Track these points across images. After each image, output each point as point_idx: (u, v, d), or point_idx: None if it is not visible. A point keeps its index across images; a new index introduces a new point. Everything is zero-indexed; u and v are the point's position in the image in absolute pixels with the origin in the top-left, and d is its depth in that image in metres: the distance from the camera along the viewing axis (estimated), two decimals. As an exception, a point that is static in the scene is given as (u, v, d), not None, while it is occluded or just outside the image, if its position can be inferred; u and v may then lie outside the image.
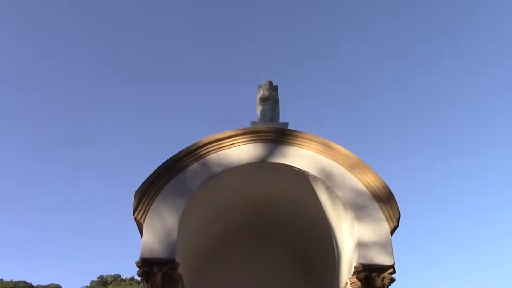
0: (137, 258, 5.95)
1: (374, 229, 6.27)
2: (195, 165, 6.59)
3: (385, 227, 6.30)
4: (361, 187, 6.57)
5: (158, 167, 6.46)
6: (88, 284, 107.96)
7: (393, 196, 6.49)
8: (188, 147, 6.68)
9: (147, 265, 5.87)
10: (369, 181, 6.58)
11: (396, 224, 6.36)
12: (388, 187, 6.53)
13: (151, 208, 6.21)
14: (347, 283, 6.47)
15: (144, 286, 5.90)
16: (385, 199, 6.47)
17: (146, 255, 5.93)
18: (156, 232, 6.09)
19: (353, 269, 6.13)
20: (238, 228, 8.47)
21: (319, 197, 6.98)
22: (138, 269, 5.91)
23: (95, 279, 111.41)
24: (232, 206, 7.76)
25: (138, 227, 6.39)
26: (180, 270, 6.22)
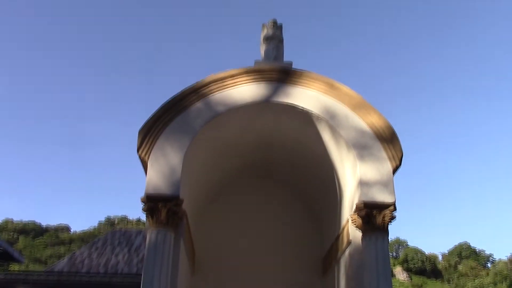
0: (143, 195, 6.06)
1: (376, 168, 6.30)
2: (198, 104, 6.57)
3: (387, 166, 6.34)
4: (365, 127, 6.56)
5: (161, 106, 6.46)
6: (96, 225, 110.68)
7: (396, 136, 6.49)
8: (192, 85, 6.64)
9: (152, 201, 5.96)
10: (373, 121, 6.56)
11: (398, 163, 6.39)
12: (391, 127, 6.52)
13: (155, 146, 6.25)
14: (348, 221, 6.59)
15: (149, 222, 6.01)
16: (388, 139, 6.47)
17: (151, 192, 6.02)
18: (160, 170, 6.16)
19: (354, 207, 6.22)
20: (241, 167, 8.56)
21: (322, 137, 6.99)
22: (144, 205, 6.01)
23: (103, 220, 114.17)
24: (235, 146, 7.80)
25: (142, 165, 6.45)
26: (184, 207, 6.34)
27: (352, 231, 6.40)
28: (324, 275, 8.17)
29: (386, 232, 6.04)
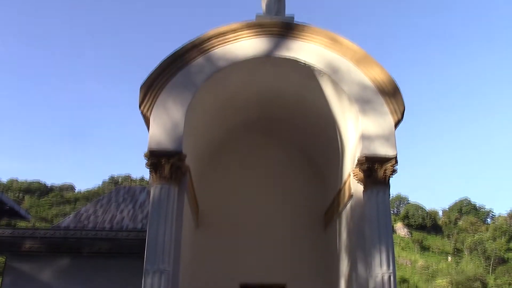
0: (146, 151, 6.10)
1: (378, 122, 6.31)
2: (200, 59, 6.52)
3: (389, 120, 6.34)
4: (367, 81, 6.52)
5: (162, 61, 6.40)
6: (100, 184, 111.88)
7: (399, 90, 6.46)
8: (193, 40, 6.57)
9: (155, 156, 6.01)
10: (375, 75, 6.51)
11: (400, 117, 6.39)
12: (394, 81, 6.48)
13: (157, 101, 6.24)
14: (349, 175, 6.65)
15: (153, 177, 6.06)
16: (390, 93, 6.44)
17: (154, 147, 6.06)
18: (163, 125, 6.18)
19: (356, 162, 6.26)
20: (243, 123, 8.58)
21: (324, 92, 6.96)
22: (147, 160, 6.06)
23: (107, 179, 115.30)
24: (237, 102, 7.80)
25: (145, 121, 6.46)
26: (187, 162, 6.39)
27: (353, 185, 6.46)
28: (325, 228, 8.31)
29: (387, 185, 6.10)
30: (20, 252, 8.37)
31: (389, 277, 5.63)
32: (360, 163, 6.13)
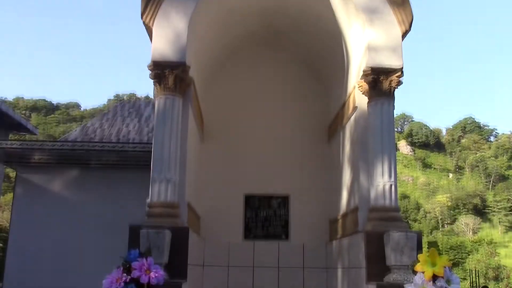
0: (149, 63, 6.05)
1: (385, 32, 6.18)
2: (202, -33, 6.29)
3: (397, 30, 6.21)
4: (375, -11, 6.30)
5: (164, -32, 6.18)
6: (105, 102, 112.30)
7: (408, -1, 6.27)
8: None
9: (158, 67, 5.96)
10: (384, -17, 6.29)
11: (408, 28, 6.24)
12: (402, -10, 6.27)
13: (159, 11, 6.09)
14: (354, 87, 6.62)
15: (157, 89, 6.06)
16: (398, 2, 6.25)
17: (157, 58, 6.00)
18: (166, 36, 6.08)
19: (361, 73, 6.21)
20: (248, 35, 8.43)
21: (330, 2, 6.78)
22: (151, 72, 6.03)
23: (112, 97, 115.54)
24: (241, 12, 7.60)
25: (147, 32, 6.36)
26: (191, 74, 6.36)
27: (358, 97, 6.45)
28: (329, 141, 8.40)
29: (392, 97, 6.09)
30: (30, 164, 8.57)
31: (391, 186, 5.77)
32: (365, 75, 6.08)
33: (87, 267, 8.14)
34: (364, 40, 6.25)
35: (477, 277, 30.61)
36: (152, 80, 6.07)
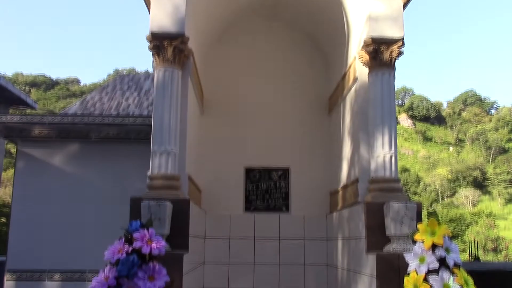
0: (148, 34, 5.99)
1: (386, 2, 6.09)
2: None
3: (398, 0, 6.13)
4: (376, -42, 6.19)
5: None
6: (105, 77, 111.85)
7: (409, -33, 6.17)
8: None
9: (157, 39, 5.91)
10: (385, -49, 6.17)
11: (409, -3, 6.17)
12: (404, -43, 6.16)
13: (157, -19, 6.01)
14: (355, 58, 6.57)
15: (156, 61, 6.02)
16: (400, -29, 6.16)
17: (156, 30, 5.94)
18: (164, 7, 6.01)
19: (362, 44, 6.15)
20: (247, 7, 8.33)
21: (331, -29, 6.69)
22: (149, 43, 5.98)
23: (112, 72, 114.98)
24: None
25: (145, 3, 6.28)
26: (191, 46, 6.30)
27: (358, 68, 6.41)
28: (329, 113, 8.38)
29: (393, 68, 6.04)
30: (30, 138, 8.56)
31: (391, 157, 5.77)
32: (366, 45, 6.02)
33: (88, 239, 8.21)
34: (365, 10, 6.17)
35: (476, 249, 30.93)
36: (151, 52, 6.02)
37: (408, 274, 4.21)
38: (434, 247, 4.15)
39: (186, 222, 5.63)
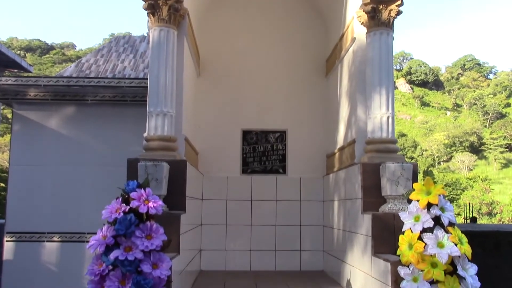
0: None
1: (385, -40, 5.97)
2: None
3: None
4: None
5: None
6: (100, 42, 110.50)
7: None
8: None
9: (152, -3, 5.80)
10: None
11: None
12: None
13: None
14: (353, 18, 6.48)
15: (151, 20, 5.92)
16: None
17: (151, -11, 5.82)
18: (159, -36, 5.87)
19: (360, 3, 6.05)
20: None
21: None
22: (144, 2, 5.87)
23: (107, 37, 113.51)
24: None
25: (139, -39, 6.13)
26: (186, 5, 6.20)
27: (356, 28, 6.33)
28: (327, 75, 8.32)
29: (391, 27, 5.96)
30: (26, 100, 8.49)
31: (388, 118, 5.75)
32: (364, 4, 5.92)
33: (85, 201, 8.26)
34: (364, -32, 6.03)
35: (471, 212, 31.28)
36: (146, 12, 5.92)
37: (403, 232, 4.25)
38: (429, 206, 4.19)
39: (183, 183, 5.65)
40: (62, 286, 8.15)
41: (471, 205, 36.54)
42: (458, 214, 45.11)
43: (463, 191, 67.00)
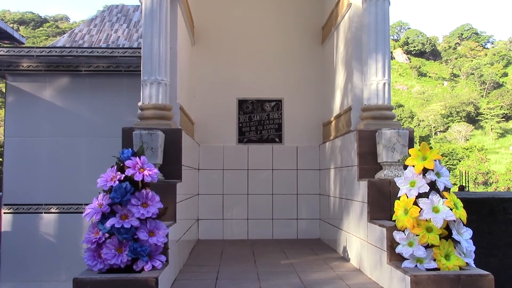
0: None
1: None
2: None
3: None
4: None
5: None
6: (95, 14, 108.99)
7: None
8: None
9: (144, -37, 5.67)
10: None
11: None
12: None
13: None
14: (349, -17, 6.36)
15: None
16: None
17: (142, -47, 5.69)
18: None
19: (356, -33, 5.94)
20: None
21: None
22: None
23: (101, 8, 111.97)
24: None
25: None
26: (179, -29, 6.08)
27: (353, -6, 6.22)
28: (323, 43, 8.23)
29: (388, -7, 5.86)
30: (19, 71, 8.40)
31: (384, 84, 5.70)
32: (360, -32, 5.81)
33: (82, 172, 8.26)
34: None
35: (467, 181, 31.49)
36: (138, -22, 5.80)
37: (399, 198, 4.26)
38: (425, 171, 4.19)
39: (178, 152, 5.62)
40: (60, 257, 8.22)
41: (467, 173, 36.76)
42: (455, 184, 45.43)
43: (460, 161, 67.30)
